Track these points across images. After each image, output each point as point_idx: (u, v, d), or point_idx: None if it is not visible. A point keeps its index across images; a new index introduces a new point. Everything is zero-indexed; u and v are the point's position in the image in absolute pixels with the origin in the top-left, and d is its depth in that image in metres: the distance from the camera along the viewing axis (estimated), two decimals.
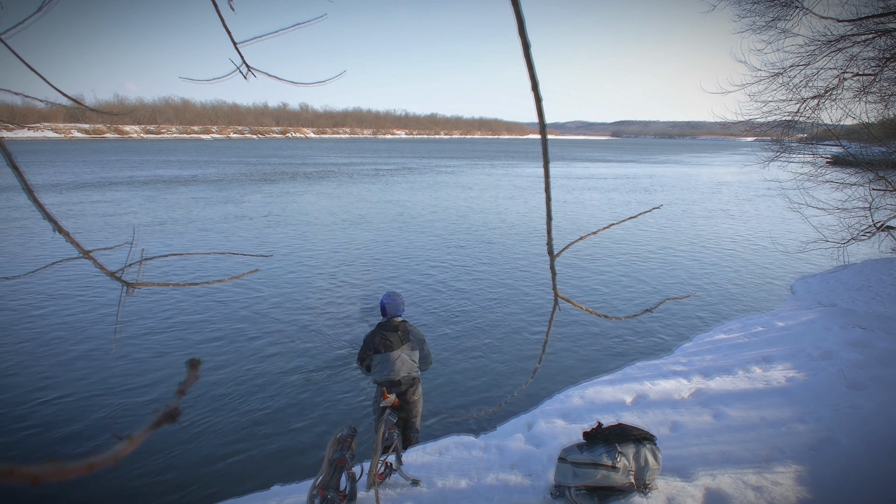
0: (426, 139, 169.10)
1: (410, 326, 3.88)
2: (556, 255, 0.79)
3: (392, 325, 3.80)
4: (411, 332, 3.85)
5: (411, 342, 3.82)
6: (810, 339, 5.75)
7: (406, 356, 3.79)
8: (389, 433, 3.36)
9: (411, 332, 3.85)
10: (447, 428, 4.83)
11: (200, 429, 4.85)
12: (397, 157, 56.97)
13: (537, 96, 0.67)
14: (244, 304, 8.43)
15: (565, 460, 3.06)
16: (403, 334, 3.80)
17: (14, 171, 0.86)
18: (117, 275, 1.02)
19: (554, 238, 0.79)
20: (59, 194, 21.35)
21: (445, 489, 3.28)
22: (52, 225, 0.93)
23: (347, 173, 35.15)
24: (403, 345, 3.78)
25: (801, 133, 9.52)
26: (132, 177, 29.54)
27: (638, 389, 4.80)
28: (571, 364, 6.42)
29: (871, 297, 7.37)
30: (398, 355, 3.76)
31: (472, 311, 8.28)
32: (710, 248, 13.51)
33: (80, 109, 1.45)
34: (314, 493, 2.86)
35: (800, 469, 3.27)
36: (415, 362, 3.84)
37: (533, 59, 0.66)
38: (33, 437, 4.71)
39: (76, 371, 5.99)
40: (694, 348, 6.25)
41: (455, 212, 18.81)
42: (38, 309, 8.05)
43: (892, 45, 7.12)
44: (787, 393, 4.45)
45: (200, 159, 47.53)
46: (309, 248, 12.58)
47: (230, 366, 6.18)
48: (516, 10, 0.64)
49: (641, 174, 39.28)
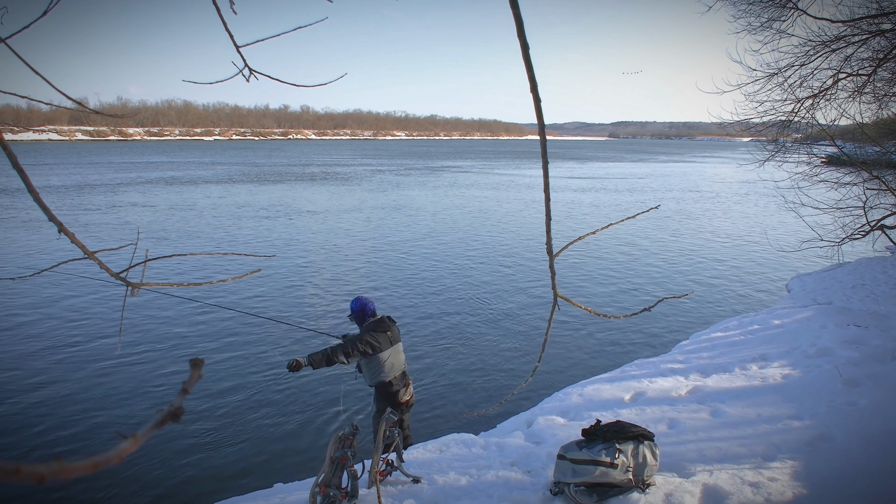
0: (426, 140, 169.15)
1: (395, 323, 3.96)
2: (555, 254, 0.82)
3: (385, 324, 3.82)
4: (397, 328, 3.94)
5: (399, 338, 3.91)
6: (806, 336, 5.79)
7: (397, 353, 3.85)
8: (391, 431, 3.38)
9: (396, 327, 3.94)
10: (448, 426, 4.85)
11: (203, 428, 4.86)
12: (397, 158, 56.96)
13: (536, 97, 0.70)
14: (247, 304, 8.44)
15: (564, 458, 3.08)
16: (394, 332, 3.86)
17: (19, 173, 0.88)
18: (121, 275, 1.04)
19: (553, 238, 0.81)
20: (63, 196, 21.30)
21: (446, 486, 3.30)
22: (56, 226, 0.95)
23: (348, 174, 35.14)
24: (394, 343, 3.84)
25: (797, 133, 9.57)
26: (135, 178, 29.48)
27: (636, 387, 4.83)
28: (570, 362, 6.46)
29: (866, 295, 7.42)
30: (394, 352, 3.82)
31: (471, 310, 8.31)
32: (707, 247, 13.57)
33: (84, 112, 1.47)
34: (316, 491, 2.88)
35: (796, 465, 3.30)
36: (402, 356, 3.91)
37: (532, 60, 0.69)
38: (38, 436, 4.73)
39: (81, 371, 6.00)
40: (691, 346, 6.28)
41: (455, 211, 18.83)
42: (43, 309, 8.05)
43: (887, 45, 7.17)
44: (784, 390, 4.48)
45: (203, 161, 47.46)
46: (311, 249, 12.59)
47: (232, 365, 6.19)
48: (515, 13, 0.66)
49: (640, 174, 39.37)
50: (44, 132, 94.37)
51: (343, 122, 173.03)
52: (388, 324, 3.84)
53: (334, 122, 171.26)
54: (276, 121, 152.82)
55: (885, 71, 7.52)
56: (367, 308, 3.92)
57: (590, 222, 17.22)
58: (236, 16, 1.37)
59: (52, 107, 1.49)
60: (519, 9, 0.66)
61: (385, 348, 3.74)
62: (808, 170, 9.12)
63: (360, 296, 4.01)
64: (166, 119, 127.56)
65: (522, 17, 0.66)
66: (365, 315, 3.91)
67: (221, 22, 1.33)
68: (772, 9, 7.33)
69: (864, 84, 7.56)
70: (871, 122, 9.09)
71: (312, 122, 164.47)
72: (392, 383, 3.80)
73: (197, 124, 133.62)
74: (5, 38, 1.09)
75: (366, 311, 3.92)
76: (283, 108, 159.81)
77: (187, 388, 0.44)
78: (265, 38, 1.34)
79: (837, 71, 7.54)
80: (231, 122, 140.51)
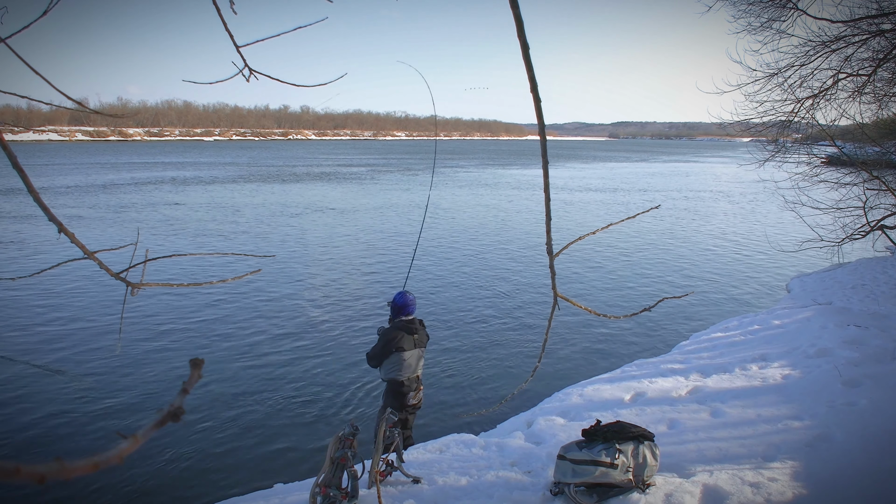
0: (426, 140, 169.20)
1: (425, 328, 3.99)
2: (555, 254, 0.82)
3: (414, 327, 3.86)
4: (426, 335, 3.97)
5: (424, 344, 3.93)
6: (806, 337, 5.78)
7: (418, 357, 3.87)
8: (391, 431, 3.38)
9: (426, 334, 3.97)
10: (448, 426, 4.85)
11: (203, 427, 4.86)
12: (397, 159, 56.97)
13: (536, 97, 0.70)
14: (247, 304, 8.44)
15: (564, 458, 3.08)
16: (421, 336, 3.88)
17: (19, 173, 0.88)
18: (121, 275, 1.04)
19: (553, 238, 0.81)
20: (63, 196, 21.30)
21: (446, 487, 3.31)
22: (56, 226, 0.95)
23: (348, 174, 35.14)
24: (418, 347, 3.86)
25: (797, 133, 9.57)
26: (135, 178, 29.49)
27: (636, 387, 4.83)
28: (570, 362, 6.46)
29: (866, 296, 7.42)
30: (414, 355, 3.83)
31: (472, 310, 8.31)
32: (708, 247, 13.57)
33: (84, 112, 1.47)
34: (316, 492, 2.88)
35: (796, 465, 3.30)
36: (422, 362, 3.94)
37: (532, 60, 0.69)
38: (38, 436, 4.73)
39: (81, 370, 6.00)
40: (692, 346, 6.29)
41: (455, 211, 18.83)
42: (43, 309, 8.05)
43: (886, 45, 7.17)
44: (784, 390, 4.48)
45: (202, 161, 47.47)
46: (311, 249, 12.59)
47: (233, 365, 6.19)
48: (515, 13, 0.67)
49: (640, 174, 39.38)
50: (44, 132, 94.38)
51: (343, 123, 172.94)
52: (417, 327, 3.88)
53: (334, 122, 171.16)
54: (276, 121, 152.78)
55: (885, 71, 7.52)
56: (402, 307, 3.94)
57: (590, 222, 17.23)
58: (236, 16, 1.37)
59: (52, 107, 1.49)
60: (519, 9, 0.66)
61: (408, 348, 3.78)
62: (808, 170, 9.12)
63: (407, 294, 4.00)
64: (166, 119, 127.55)
65: (522, 17, 0.66)
66: (399, 312, 3.94)
67: (221, 22, 1.33)
68: (772, 9, 7.33)
69: (864, 84, 7.57)
70: (871, 123, 9.09)
71: (312, 122, 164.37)
72: (404, 384, 3.81)
73: (197, 125, 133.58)
74: (5, 38, 1.09)
75: (401, 310, 3.94)
76: (283, 109, 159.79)
77: (187, 388, 0.44)
78: (265, 38, 1.34)
79: (837, 71, 7.54)
80: (231, 123, 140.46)
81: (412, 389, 3.84)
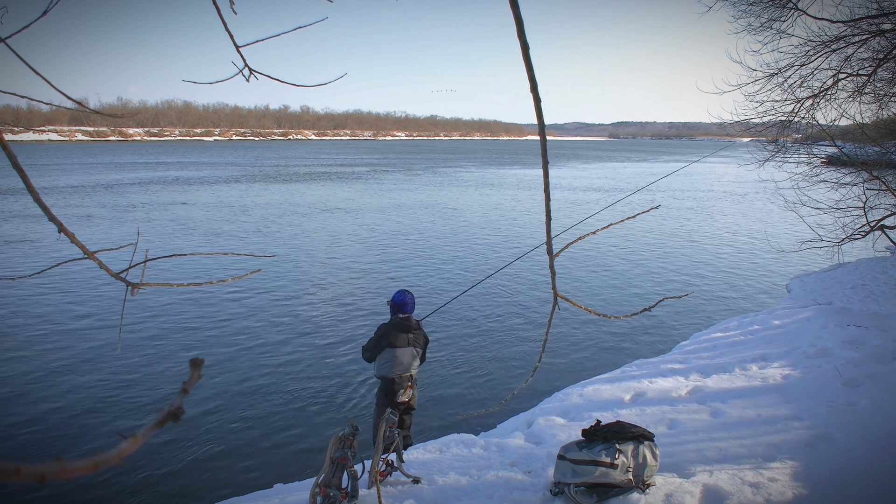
0: (426, 140, 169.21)
1: (422, 328, 3.98)
2: (555, 254, 0.82)
3: (409, 325, 3.87)
4: (423, 335, 3.96)
5: (420, 344, 3.92)
6: (806, 337, 5.78)
7: (411, 356, 3.87)
8: (391, 431, 3.38)
9: (423, 334, 3.96)
10: (448, 426, 4.85)
11: (203, 427, 4.86)
12: (397, 159, 56.97)
13: (536, 97, 0.70)
14: (247, 303, 8.44)
15: (564, 458, 3.08)
16: (416, 336, 3.89)
17: (19, 173, 0.88)
18: (121, 275, 1.04)
19: (553, 238, 0.81)
20: (63, 196, 21.30)
21: (446, 487, 3.30)
22: (56, 226, 0.95)
23: (349, 174, 35.14)
24: (413, 346, 3.86)
25: (797, 133, 9.57)
26: (135, 178, 29.49)
27: (636, 388, 4.83)
28: (570, 362, 6.46)
29: (866, 296, 7.41)
30: (407, 353, 3.83)
31: (472, 310, 8.31)
32: (708, 247, 13.57)
33: (84, 112, 1.48)
34: (316, 492, 2.88)
35: (796, 465, 3.30)
36: (416, 361, 3.92)
37: (532, 60, 0.69)
38: (38, 436, 4.73)
39: (81, 370, 6.00)
40: (691, 347, 6.28)
41: (454, 211, 18.83)
42: (43, 309, 8.05)
43: (886, 45, 7.17)
44: (784, 390, 4.48)
45: (203, 161, 47.48)
46: (311, 249, 12.59)
47: (233, 365, 6.19)
48: (515, 13, 0.66)
49: (640, 174, 39.38)
50: (44, 132, 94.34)
51: (343, 123, 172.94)
52: (413, 326, 3.89)
53: (334, 122, 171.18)
54: (276, 121, 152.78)
55: (885, 71, 7.52)
56: (401, 305, 3.95)
57: (590, 222, 17.22)
58: (236, 16, 1.37)
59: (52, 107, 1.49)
60: (519, 9, 0.66)
61: (400, 345, 3.79)
62: (808, 170, 9.12)
63: (406, 292, 4.02)
64: (166, 119, 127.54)
65: (522, 17, 0.66)
66: (397, 310, 3.96)
67: (221, 22, 1.33)
68: (772, 9, 7.33)
69: (864, 84, 7.56)
70: (871, 123, 9.10)
71: (312, 122, 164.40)
72: (395, 381, 3.82)
73: (197, 125, 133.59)
74: (5, 38, 1.09)
75: (399, 308, 3.95)
76: (283, 109, 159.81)
77: (187, 388, 0.44)
78: (265, 38, 1.34)
79: (837, 71, 7.54)
80: (231, 123, 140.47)
81: (402, 387, 3.84)
